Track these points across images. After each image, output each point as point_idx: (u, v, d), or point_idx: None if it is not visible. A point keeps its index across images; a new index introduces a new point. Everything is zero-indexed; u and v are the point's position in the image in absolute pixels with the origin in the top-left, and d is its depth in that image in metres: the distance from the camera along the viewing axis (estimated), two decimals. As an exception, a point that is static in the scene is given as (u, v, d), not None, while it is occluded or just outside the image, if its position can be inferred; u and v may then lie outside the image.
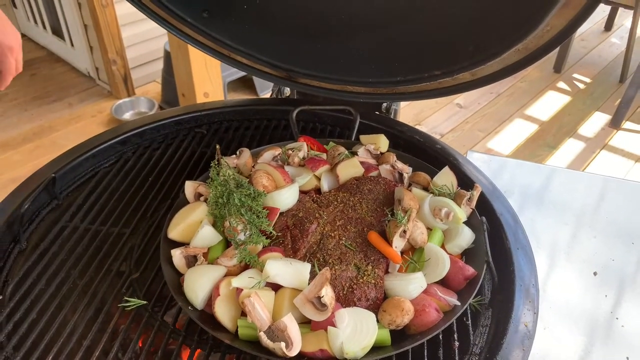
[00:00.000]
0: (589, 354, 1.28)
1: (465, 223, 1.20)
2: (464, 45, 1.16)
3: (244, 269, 1.07)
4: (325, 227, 1.16)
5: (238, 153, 1.38)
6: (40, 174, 1.37)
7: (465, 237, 1.18)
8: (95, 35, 4.01)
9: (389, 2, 1.20)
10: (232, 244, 1.11)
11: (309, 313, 0.97)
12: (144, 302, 1.11)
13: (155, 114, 1.65)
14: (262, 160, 1.35)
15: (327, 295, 0.95)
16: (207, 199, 1.22)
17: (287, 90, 1.87)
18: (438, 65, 1.24)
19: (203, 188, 1.26)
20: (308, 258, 1.11)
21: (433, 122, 4.23)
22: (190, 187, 1.28)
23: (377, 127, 1.58)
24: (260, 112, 1.71)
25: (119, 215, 1.35)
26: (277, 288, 1.03)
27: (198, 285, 1.03)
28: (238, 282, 1.01)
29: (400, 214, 1.13)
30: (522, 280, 1.14)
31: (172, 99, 4.04)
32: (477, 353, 1.05)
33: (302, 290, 0.99)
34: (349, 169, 1.32)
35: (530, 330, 1.05)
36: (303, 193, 1.28)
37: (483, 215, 1.22)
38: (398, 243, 1.11)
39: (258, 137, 1.64)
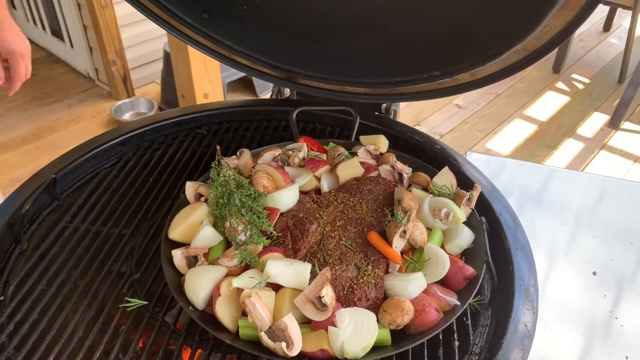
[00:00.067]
0: (588, 354, 1.29)
1: (465, 223, 1.21)
2: (464, 46, 1.16)
3: (245, 269, 1.08)
4: (326, 227, 1.17)
5: (238, 154, 1.39)
6: (41, 175, 1.37)
7: (465, 237, 1.18)
8: (95, 36, 4.01)
9: (389, 2, 1.20)
10: (232, 245, 1.11)
11: (310, 313, 0.97)
12: (145, 302, 1.12)
13: (156, 115, 1.65)
14: (262, 161, 1.35)
15: (327, 295, 0.95)
16: (207, 200, 1.22)
17: (287, 91, 1.87)
18: (437, 66, 1.24)
19: (203, 189, 1.26)
20: (308, 258, 1.11)
21: (432, 122, 4.24)
22: (191, 187, 1.28)
23: (376, 127, 1.58)
24: (260, 112, 1.71)
25: (120, 216, 1.35)
26: (277, 288, 1.04)
27: (199, 286, 1.04)
28: (239, 282, 1.01)
29: (400, 214, 1.13)
30: (521, 280, 1.14)
31: (171, 100, 4.04)
32: (477, 353, 1.05)
33: (302, 291, 1.00)
34: (349, 170, 1.33)
35: (530, 330, 1.06)
36: (303, 193, 1.29)
37: (482, 216, 1.22)
38: (398, 243, 1.11)
39: (258, 137, 1.64)
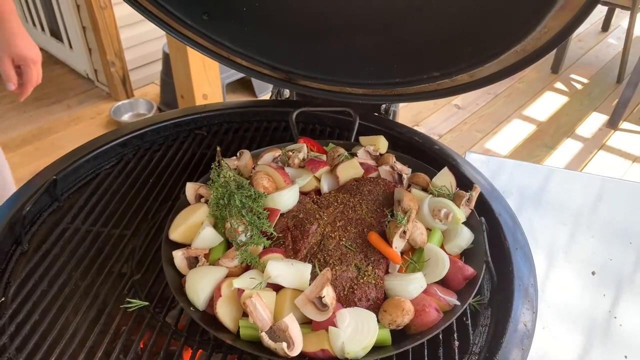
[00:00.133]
0: (588, 353, 1.29)
1: (465, 223, 1.21)
2: (463, 47, 1.17)
3: (245, 270, 1.08)
4: (326, 228, 1.17)
5: (238, 155, 1.39)
6: (42, 176, 1.37)
7: (465, 237, 1.18)
8: (94, 37, 4.01)
9: (388, 3, 1.21)
10: (233, 245, 1.11)
11: (310, 313, 0.97)
12: (146, 303, 1.12)
13: (156, 116, 1.65)
14: (262, 162, 1.36)
15: (328, 296, 0.96)
16: (208, 201, 1.22)
17: (286, 92, 1.87)
18: (437, 67, 1.24)
19: (204, 189, 1.26)
20: (309, 259, 1.11)
21: (431, 123, 4.24)
22: (191, 188, 1.28)
23: (376, 128, 1.58)
24: (260, 113, 1.71)
25: (120, 217, 1.35)
26: (278, 289, 1.04)
27: (200, 286, 1.04)
28: (239, 283, 1.01)
29: (400, 215, 1.13)
30: (521, 280, 1.15)
31: (170, 101, 4.04)
32: (476, 352, 1.05)
33: (303, 291, 1.00)
34: (349, 170, 1.33)
35: (529, 330, 1.06)
36: (303, 194, 1.29)
37: (482, 216, 1.22)
38: (398, 243, 1.11)
39: (258, 138, 1.64)
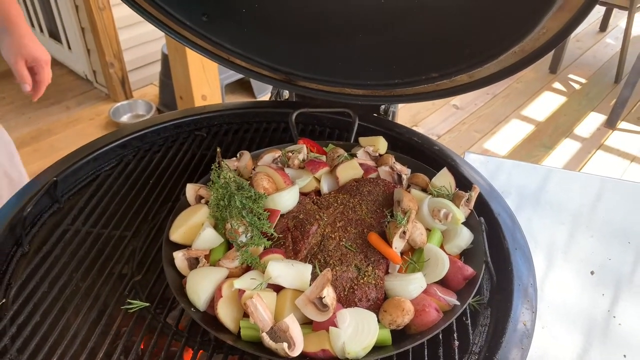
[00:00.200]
0: (587, 353, 1.30)
1: (464, 224, 1.22)
2: (462, 48, 1.17)
3: (246, 271, 1.08)
4: (326, 228, 1.17)
5: (238, 156, 1.39)
6: (42, 178, 1.37)
7: (464, 237, 1.19)
8: (93, 39, 4.01)
9: (388, 3, 1.21)
10: (233, 246, 1.12)
11: (311, 314, 0.98)
12: (147, 304, 1.12)
13: (155, 117, 1.65)
14: (262, 163, 1.36)
15: (328, 296, 0.96)
16: (208, 202, 1.23)
17: (285, 93, 1.88)
18: (436, 68, 1.25)
19: (204, 191, 1.27)
20: (309, 259, 1.12)
21: (430, 123, 4.25)
22: (192, 189, 1.29)
23: (375, 129, 1.59)
24: (260, 114, 1.71)
25: (121, 218, 1.35)
26: (278, 289, 1.04)
27: (200, 287, 1.04)
28: (240, 283, 1.02)
29: (400, 215, 1.14)
30: (520, 280, 1.15)
31: (169, 102, 4.05)
32: (476, 352, 1.06)
33: (303, 291, 1.00)
34: (349, 171, 1.33)
35: (529, 329, 1.06)
36: (303, 195, 1.29)
37: (481, 216, 1.23)
38: (398, 244, 1.12)
39: (258, 139, 1.65)
